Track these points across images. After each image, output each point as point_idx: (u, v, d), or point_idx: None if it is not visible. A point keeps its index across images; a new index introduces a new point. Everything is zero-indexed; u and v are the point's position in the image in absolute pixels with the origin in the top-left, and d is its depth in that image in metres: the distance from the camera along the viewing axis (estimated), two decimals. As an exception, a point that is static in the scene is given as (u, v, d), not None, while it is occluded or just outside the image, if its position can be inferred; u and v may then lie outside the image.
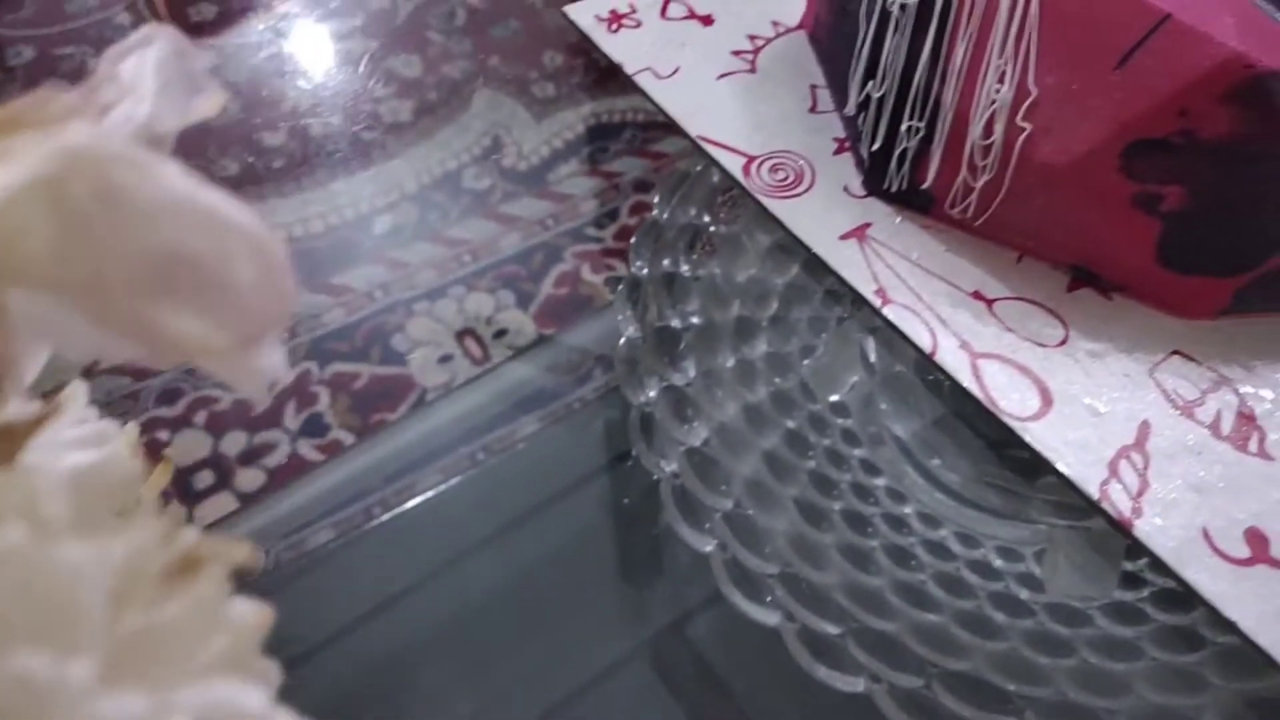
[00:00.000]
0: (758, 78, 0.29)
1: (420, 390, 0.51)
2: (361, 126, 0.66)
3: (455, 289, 0.56)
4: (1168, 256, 0.23)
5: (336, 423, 0.49)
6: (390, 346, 0.53)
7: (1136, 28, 0.22)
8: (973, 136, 0.24)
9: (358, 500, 0.43)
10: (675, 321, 0.34)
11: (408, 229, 0.60)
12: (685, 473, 0.30)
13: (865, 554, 0.31)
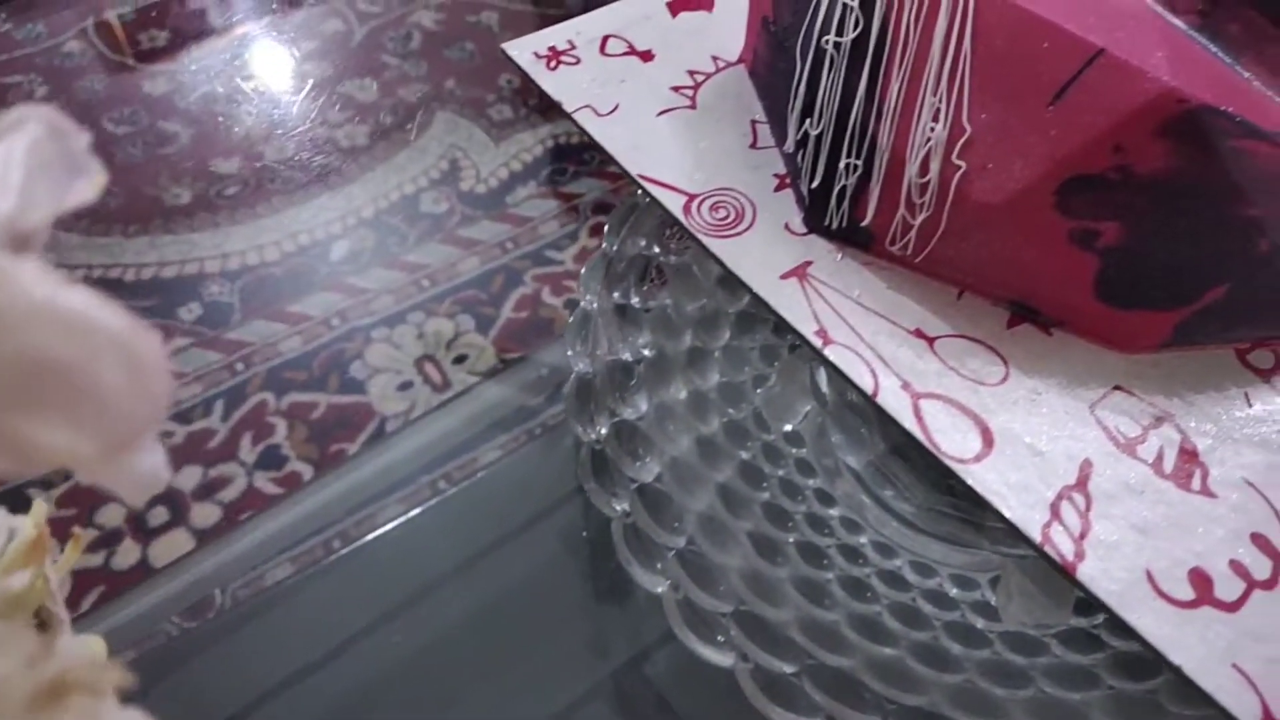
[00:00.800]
0: (698, 114, 0.28)
1: (379, 419, 0.51)
2: (316, 152, 0.65)
3: (414, 315, 0.56)
4: (1107, 292, 0.23)
5: (294, 454, 0.49)
6: (348, 375, 0.52)
7: (1069, 63, 0.22)
8: (909, 175, 0.24)
9: (316, 534, 0.42)
10: (627, 354, 0.34)
11: (365, 254, 0.60)
12: (637, 511, 0.29)
13: (820, 587, 0.30)
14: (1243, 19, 0.25)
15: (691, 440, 0.32)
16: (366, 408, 0.52)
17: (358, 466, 0.45)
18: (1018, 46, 0.23)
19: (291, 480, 0.48)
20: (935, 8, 0.24)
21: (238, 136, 0.64)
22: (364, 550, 0.40)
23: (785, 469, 0.34)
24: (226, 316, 0.54)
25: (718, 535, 0.30)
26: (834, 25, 0.25)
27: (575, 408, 0.31)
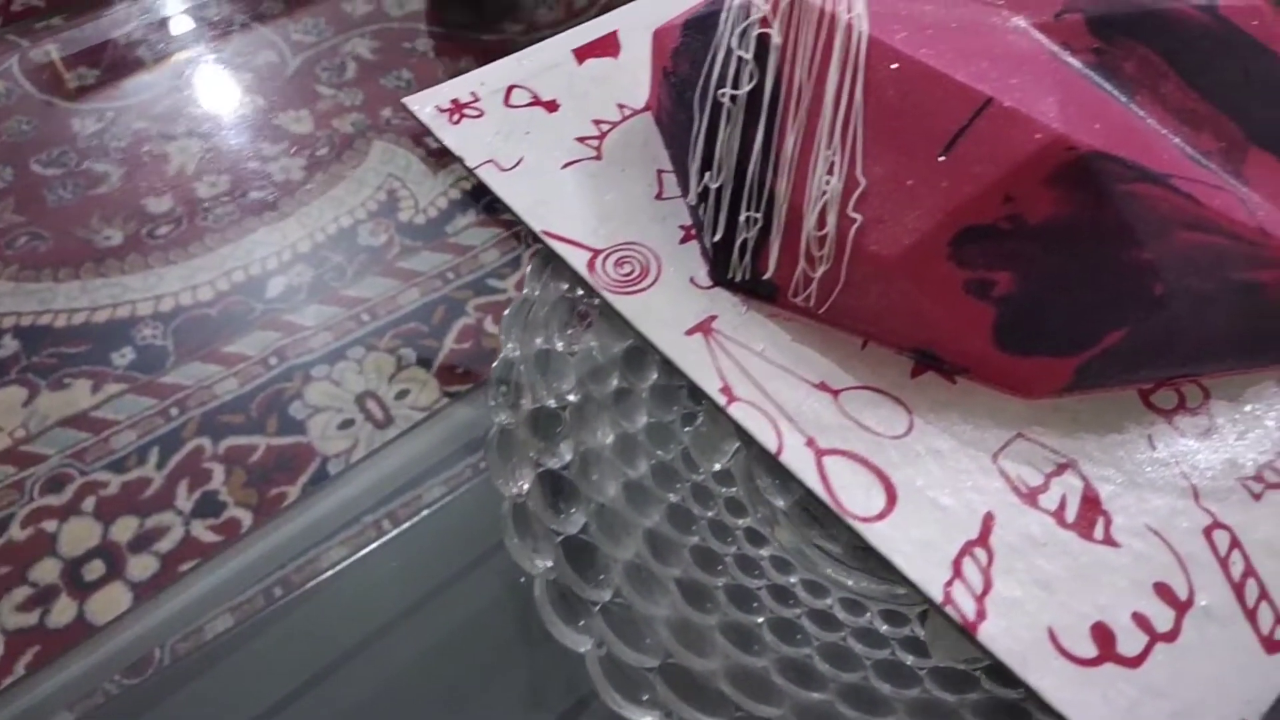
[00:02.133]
0: (603, 165, 0.28)
1: (320, 459, 0.50)
2: (250, 186, 0.64)
3: (354, 350, 0.55)
4: (1005, 339, 0.23)
5: (232, 500, 0.48)
6: (287, 415, 0.51)
7: (958, 114, 0.22)
8: (807, 228, 0.24)
9: (257, 583, 0.41)
10: (551, 402, 0.33)
11: (302, 290, 0.59)
12: (560, 566, 0.29)
13: (750, 632, 0.30)
14: (1137, 57, 0.25)
15: (619, 487, 0.32)
16: (307, 448, 0.51)
17: (299, 510, 0.44)
18: (908, 98, 0.23)
19: (230, 527, 0.47)
20: (827, 60, 0.24)
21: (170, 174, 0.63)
22: (306, 598, 0.39)
23: (715, 509, 0.33)
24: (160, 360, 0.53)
25: (645, 585, 0.30)
26: (729, 78, 0.25)
27: (497, 461, 0.31)
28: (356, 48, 0.74)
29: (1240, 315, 0.23)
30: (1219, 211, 0.22)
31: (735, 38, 0.25)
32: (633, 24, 0.32)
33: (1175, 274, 0.22)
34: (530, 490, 0.31)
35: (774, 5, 0.24)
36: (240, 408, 0.52)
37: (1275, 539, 0.21)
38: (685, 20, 0.26)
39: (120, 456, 0.49)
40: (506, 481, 0.31)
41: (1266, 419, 0.23)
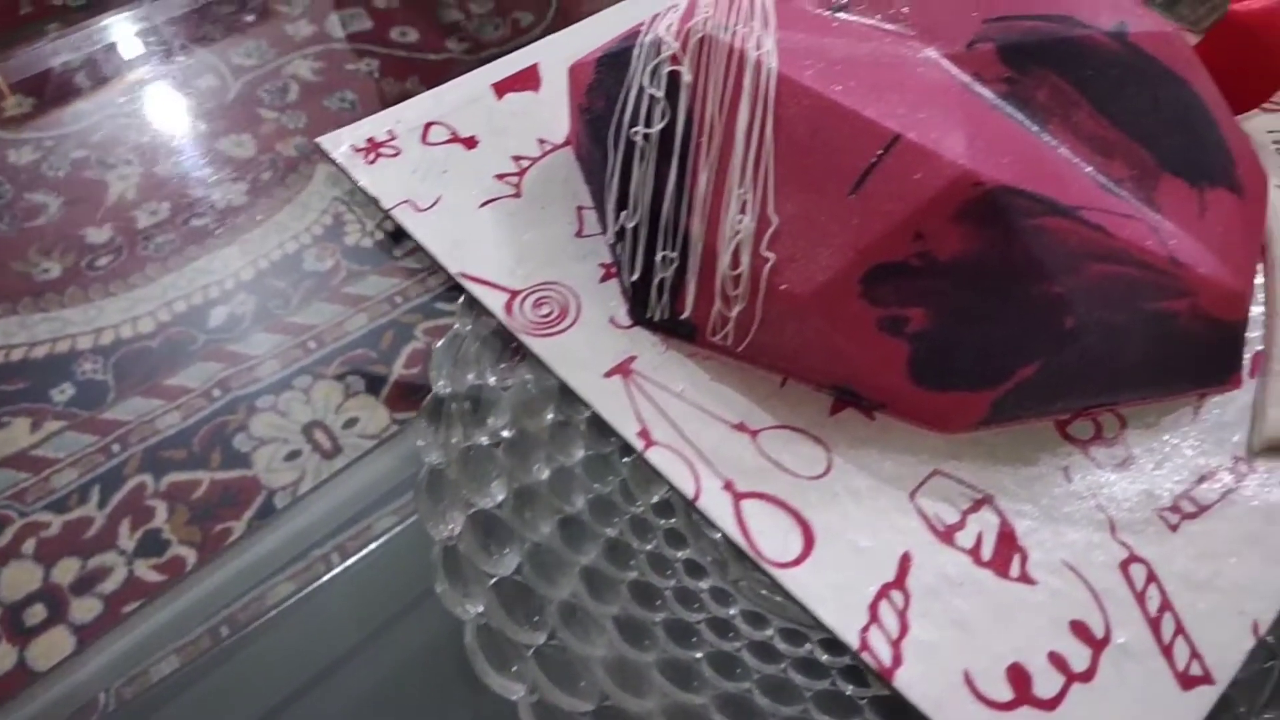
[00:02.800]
0: (523, 202, 0.28)
1: (266, 492, 0.49)
2: (192, 214, 0.63)
3: (300, 379, 0.54)
4: (921, 375, 0.23)
5: (176, 538, 0.47)
6: (231, 448, 0.50)
7: (867, 151, 0.22)
8: (722, 267, 0.23)
9: (203, 622, 0.40)
10: (484, 439, 0.33)
11: (246, 319, 0.58)
12: (492, 610, 0.29)
13: (689, 669, 0.30)
14: (1049, 86, 0.25)
15: (554, 524, 0.32)
16: (252, 482, 0.50)
17: (244, 546, 0.43)
18: (818, 135, 0.23)
19: (175, 566, 0.46)
20: (737, 98, 0.23)
21: (110, 203, 0.62)
22: (253, 637, 0.38)
23: (654, 542, 0.33)
24: (101, 395, 0.52)
25: (581, 625, 0.29)
26: (641, 116, 0.24)
27: (426, 504, 0.30)
28: (299, 69, 0.73)
29: (1154, 345, 0.23)
30: (1130, 242, 0.22)
31: (647, 75, 0.25)
32: (554, 56, 0.32)
33: (1086, 306, 0.22)
34: (462, 532, 0.30)
35: (684, 43, 0.24)
36: (183, 442, 0.51)
37: (1192, 571, 0.21)
38: (600, 56, 0.26)
39: (61, 496, 0.48)
40: (437, 524, 0.30)
41: (1183, 447, 0.23)
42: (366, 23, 0.64)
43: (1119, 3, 0.26)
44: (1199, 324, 0.23)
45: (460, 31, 0.58)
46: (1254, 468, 0.23)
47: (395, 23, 0.63)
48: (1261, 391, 0.24)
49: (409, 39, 0.67)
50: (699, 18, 0.25)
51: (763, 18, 0.25)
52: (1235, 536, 0.22)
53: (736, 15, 0.25)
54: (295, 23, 0.77)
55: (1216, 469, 0.23)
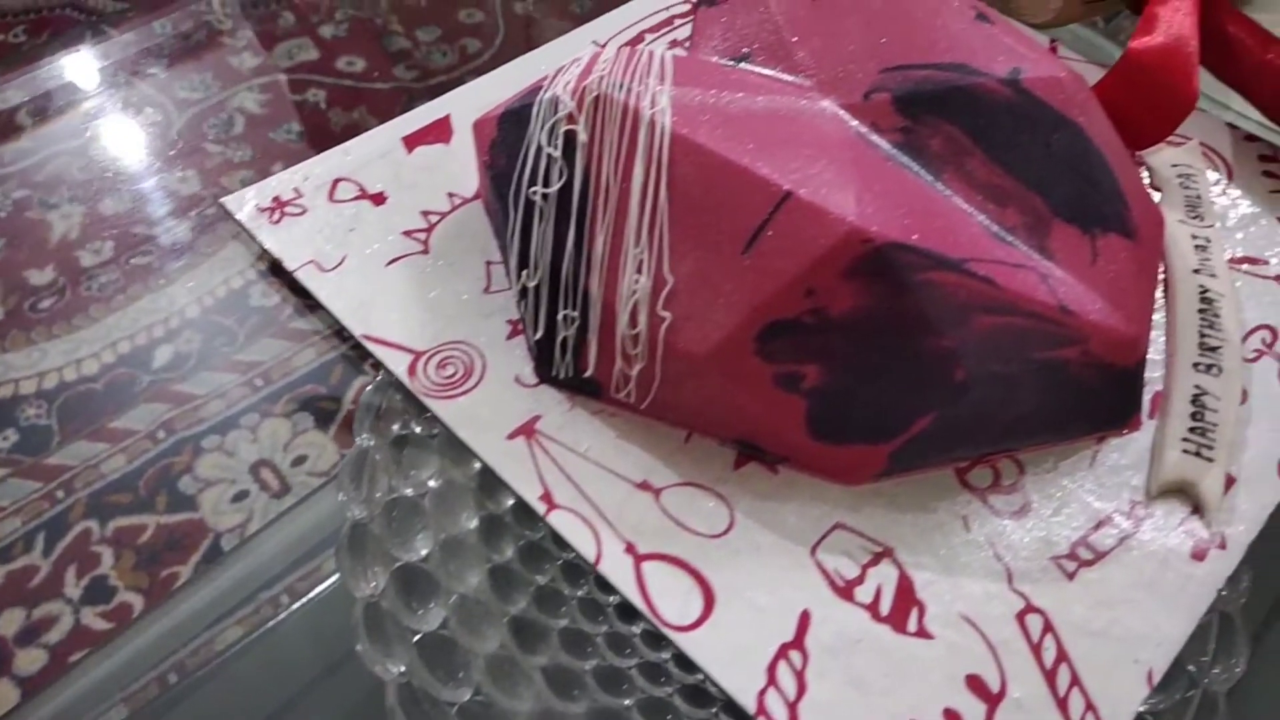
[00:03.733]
0: (431, 259, 0.28)
1: (213, 535, 0.48)
2: (136, 252, 0.63)
3: (247, 417, 0.53)
4: (819, 429, 0.23)
5: (123, 584, 0.46)
6: (177, 491, 0.49)
7: (759, 209, 0.22)
8: (621, 327, 0.23)
9: (151, 669, 0.40)
10: (409, 490, 0.33)
11: (191, 358, 0.57)
12: (415, 669, 0.29)
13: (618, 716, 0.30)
14: (943, 134, 0.26)
15: (483, 574, 0.32)
16: (199, 525, 0.50)
17: (191, 591, 0.43)
18: (712, 194, 0.23)
19: (122, 613, 0.45)
20: (632, 157, 0.24)
21: (52, 243, 0.61)
22: (201, 682, 0.38)
23: (586, 587, 0.33)
24: (45, 441, 0.51)
25: (508, 678, 0.29)
26: (540, 176, 0.25)
27: (348, 560, 0.30)
28: (244, 102, 0.73)
29: (1047, 392, 0.23)
30: (1018, 293, 0.22)
31: (544, 134, 0.25)
32: (466, 108, 0.32)
33: (977, 358, 0.22)
34: (385, 588, 0.30)
35: (579, 102, 0.24)
36: (128, 486, 0.50)
37: (1088, 620, 0.21)
38: (502, 112, 0.26)
39: (5, 545, 0.48)
40: (359, 582, 0.30)
41: (1081, 492, 0.24)
42: (313, 53, 0.64)
43: (1014, 48, 0.26)
44: (1091, 370, 0.23)
45: (408, 59, 0.58)
46: (1151, 511, 0.23)
47: (342, 52, 0.63)
48: (1160, 433, 0.24)
49: (356, 68, 0.67)
50: (595, 76, 0.25)
51: (659, 74, 0.25)
52: (1131, 583, 0.22)
53: (633, 72, 0.25)
54: (240, 54, 0.76)
55: (1113, 514, 0.23)
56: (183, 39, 0.70)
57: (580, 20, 0.57)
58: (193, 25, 0.69)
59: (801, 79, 0.27)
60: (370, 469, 0.32)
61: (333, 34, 0.66)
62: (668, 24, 0.36)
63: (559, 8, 0.59)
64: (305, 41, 0.66)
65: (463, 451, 0.32)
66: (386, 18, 0.64)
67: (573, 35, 0.35)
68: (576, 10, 0.57)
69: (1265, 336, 0.27)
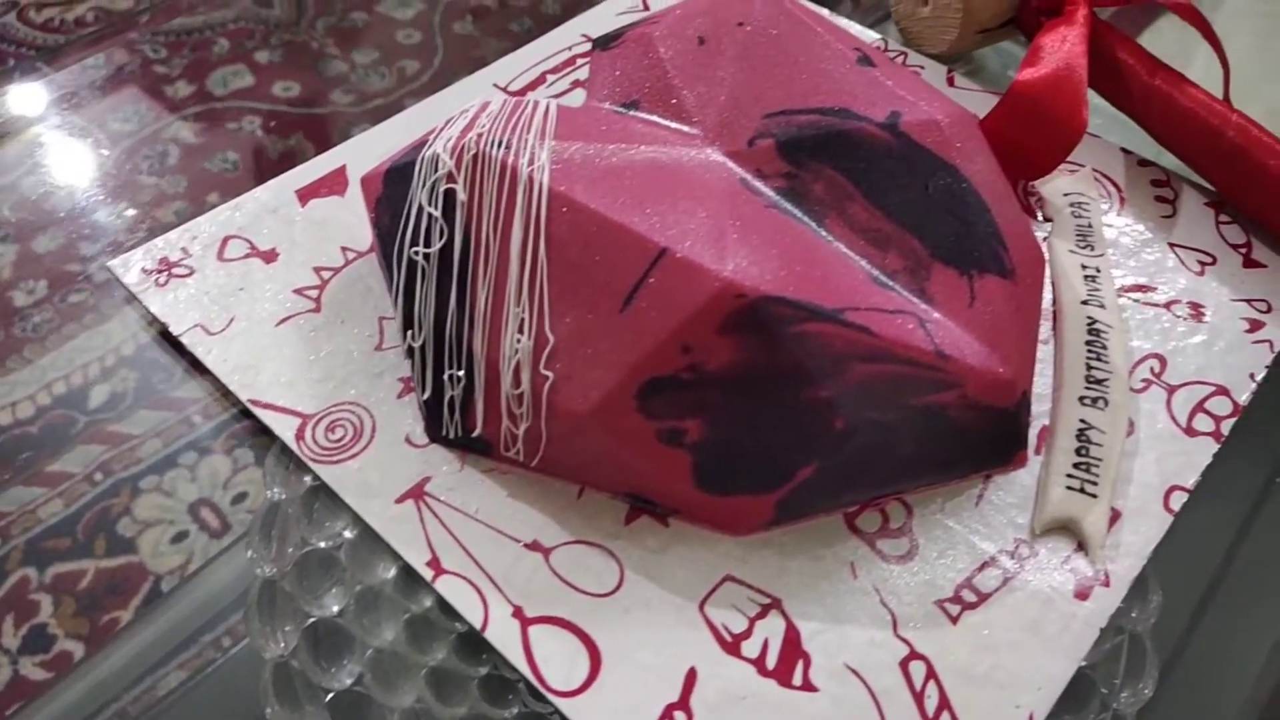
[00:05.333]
0: (322, 317, 0.27)
1: (153, 578, 0.48)
2: (70, 290, 0.62)
3: (186, 455, 0.53)
4: (705, 483, 0.23)
5: (62, 632, 0.45)
6: (116, 533, 0.49)
7: (636, 266, 0.22)
8: (505, 386, 0.23)
9: (91, 717, 0.39)
10: (322, 543, 0.32)
11: (128, 396, 0.56)
12: (324, 731, 0.28)
13: (534, 766, 0.30)
14: (825, 179, 0.26)
15: (400, 626, 0.31)
16: (138, 568, 0.49)
17: (131, 635, 0.42)
18: (590, 251, 0.23)
19: (62, 661, 0.45)
20: (511, 216, 0.24)
21: (-20, 286, 0.60)
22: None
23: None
24: (-20, 488, 0.50)
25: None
26: (422, 235, 0.24)
27: (257, 621, 0.30)
28: (179, 132, 0.72)
29: (927, 436, 0.23)
30: (895, 340, 0.22)
31: (425, 193, 0.25)
32: (362, 157, 0.32)
33: (855, 407, 0.22)
34: (296, 647, 0.30)
35: (458, 160, 0.24)
36: (66, 531, 0.49)
37: (971, 664, 0.22)
38: (386, 169, 0.26)
39: (-56, 597, 0.46)
40: (268, 642, 0.30)
41: (966, 533, 0.24)
42: (248, 79, 0.63)
43: (894, 91, 0.26)
44: (970, 413, 0.23)
45: (345, 83, 0.57)
46: (1035, 550, 0.24)
47: (277, 78, 0.62)
48: (1045, 469, 0.25)
49: (292, 93, 0.66)
50: (474, 133, 0.25)
51: (541, 128, 0.25)
52: (1014, 625, 0.22)
53: (514, 126, 0.25)
54: (174, 83, 0.75)
55: (998, 554, 0.23)
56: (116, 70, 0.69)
57: (520, 39, 0.56)
58: (126, 56, 0.68)
59: (688, 127, 0.27)
60: (281, 523, 0.32)
61: (268, 59, 0.66)
62: (570, 64, 0.36)
63: (499, 27, 0.59)
64: (240, 68, 0.65)
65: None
66: (322, 41, 0.64)
67: (475, 78, 0.35)
68: (516, 29, 0.57)
69: (1154, 365, 0.27)
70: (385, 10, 0.60)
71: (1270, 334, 0.28)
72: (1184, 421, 0.26)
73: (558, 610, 0.22)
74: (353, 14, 0.61)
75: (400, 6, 0.60)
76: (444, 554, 0.23)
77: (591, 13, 0.38)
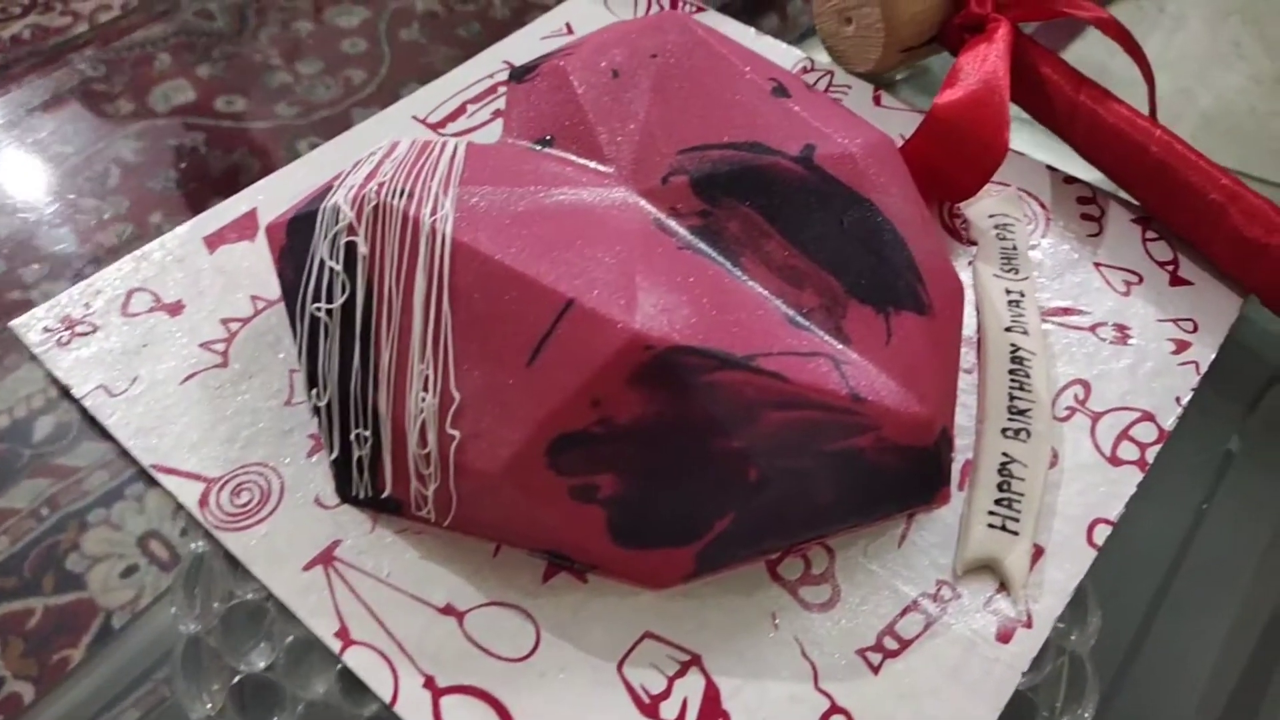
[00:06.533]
0: (229, 372, 0.26)
1: (103, 614, 0.47)
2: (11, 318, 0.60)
3: (133, 487, 0.51)
4: (621, 537, 0.22)
5: (11, 673, 0.44)
6: (64, 570, 0.47)
7: (542, 318, 0.22)
8: (412, 446, 0.23)
9: None
10: (250, 594, 0.31)
11: (72, 428, 0.55)
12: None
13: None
14: (740, 216, 0.25)
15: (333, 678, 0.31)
16: (88, 604, 0.48)
17: (83, 674, 0.41)
18: (495, 304, 0.22)
19: (11, 705, 0.43)
20: (413, 269, 0.23)
21: (-89, 321, 0.59)
22: None
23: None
24: (-76, 530, 0.49)
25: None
26: (323, 290, 0.24)
27: (182, 680, 0.29)
28: (120, 151, 0.70)
29: (845, 481, 0.23)
30: (808, 385, 0.22)
31: (326, 246, 0.24)
32: (273, 199, 0.31)
33: (769, 456, 0.22)
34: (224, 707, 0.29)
35: (358, 211, 0.23)
36: (13, 569, 0.48)
37: (892, 715, 0.21)
38: (290, 219, 0.25)
39: (-110, 644, 0.45)
40: (194, 702, 0.29)
41: (888, 576, 0.24)
42: (190, 94, 0.61)
43: (809, 123, 0.26)
44: (888, 455, 0.23)
45: (290, 95, 0.56)
46: (958, 592, 0.23)
47: (220, 92, 0.60)
48: (967, 506, 0.24)
49: (236, 108, 0.65)
50: (375, 181, 0.24)
51: (446, 174, 0.25)
52: (935, 672, 0.22)
53: (418, 173, 0.24)
54: (114, 101, 0.73)
55: (920, 598, 0.23)
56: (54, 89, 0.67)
57: (469, 45, 0.55)
58: (64, 74, 0.66)
59: (601, 165, 0.27)
60: (205, 576, 0.31)
61: (210, 73, 0.64)
62: (491, 92, 0.35)
63: (446, 33, 0.58)
64: (182, 83, 0.64)
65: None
66: (266, 53, 0.62)
67: (392, 111, 0.34)
68: (464, 34, 0.56)
69: (1078, 392, 0.27)
70: (330, 19, 0.59)
71: (1197, 354, 0.28)
72: (1108, 450, 0.26)
73: (471, 678, 0.22)
74: (296, 23, 0.60)
75: (345, 15, 0.59)
76: (353, 623, 0.22)
77: (514, 37, 0.37)
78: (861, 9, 0.34)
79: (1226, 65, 0.57)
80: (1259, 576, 0.28)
